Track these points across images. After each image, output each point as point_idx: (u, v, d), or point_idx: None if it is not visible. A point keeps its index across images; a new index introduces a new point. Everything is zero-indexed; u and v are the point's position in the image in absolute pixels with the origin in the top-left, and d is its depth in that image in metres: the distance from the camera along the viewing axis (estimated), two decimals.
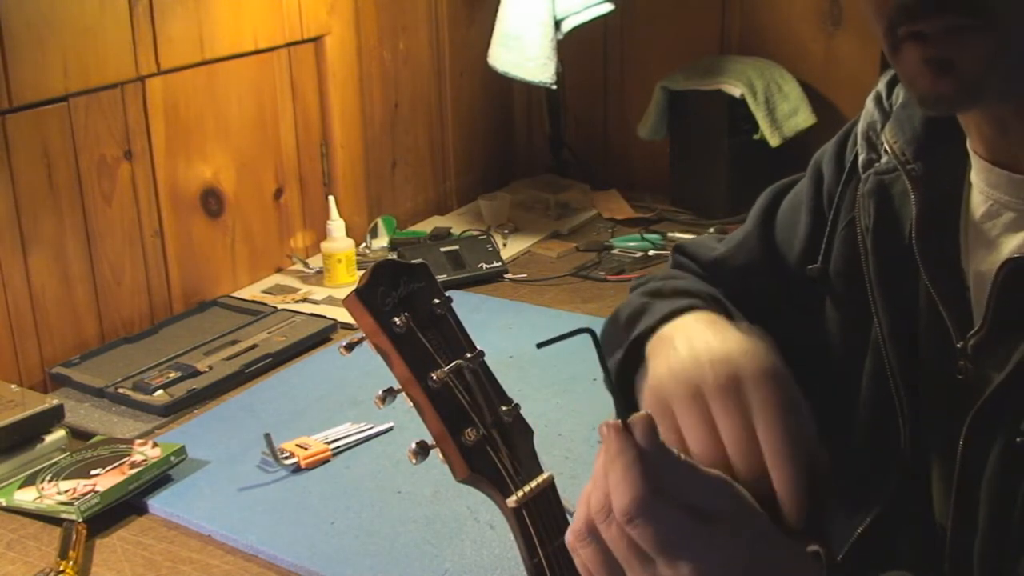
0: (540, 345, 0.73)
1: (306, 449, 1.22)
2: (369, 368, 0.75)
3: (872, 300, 0.86)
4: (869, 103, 0.89)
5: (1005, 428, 0.75)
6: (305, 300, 1.71)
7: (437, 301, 0.74)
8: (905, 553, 0.88)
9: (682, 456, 0.66)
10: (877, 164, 0.86)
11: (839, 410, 0.94)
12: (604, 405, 1.06)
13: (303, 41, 1.81)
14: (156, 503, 1.16)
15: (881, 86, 0.89)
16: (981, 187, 0.79)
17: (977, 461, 0.77)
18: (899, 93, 0.87)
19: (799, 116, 1.92)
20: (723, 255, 1.04)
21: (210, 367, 1.45)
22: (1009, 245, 0.77)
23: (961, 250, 0.81)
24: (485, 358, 0.74)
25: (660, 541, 0.62)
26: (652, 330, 0.83)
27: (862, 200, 0.87)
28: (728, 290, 1.01)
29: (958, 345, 0.80)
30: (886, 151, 0.85)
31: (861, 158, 0.88)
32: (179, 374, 1.43)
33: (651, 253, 1.85)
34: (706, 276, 1.03)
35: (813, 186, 0.97)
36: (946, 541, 0.81)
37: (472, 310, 1.59)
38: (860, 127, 0.89)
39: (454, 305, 0.75)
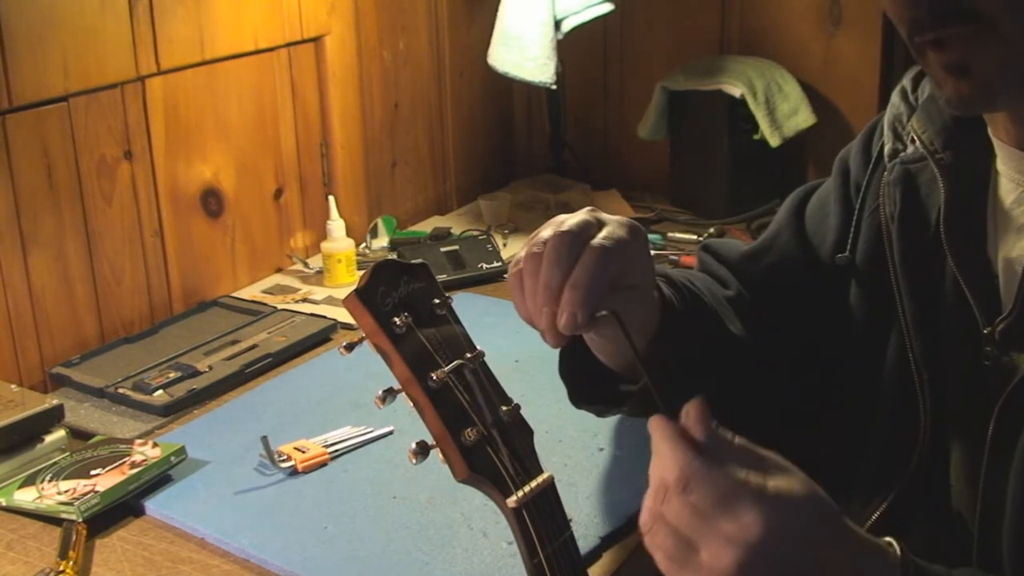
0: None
1: (304, 452, 1.22)
2: (372, 371, 0.75)
3: (896, 286, 0.88)
4: (895, 97, 0.92)
5: None
6: (305, 300, 1.70)
7: (437, 301, 0.74)
8: (919, 538, 0.89)
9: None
10: (903, 154, 0.89)
11: (861, 396, 0.95)
12: None
13: (303, 41, 1.81)
14: (152, 505, 1.15)
15: (906, 81, 0.91)
16: (1009, 174, 0.81)
17: (1006, 446, 0.78)
18: (924, 88, 0.89)
19: (799, 116, 1.92)
20: (754, 250, 1.06)
21: (210, 367, 1.45)
22: None
23: (988, 237, 0.82)
24: (492, 362, 0.74)
25: (717, 497, 0.62)
26: None
27: (887, 188, 0.89)
28: (758, 284, 1.03)
29: (985, 331, 0.81)
30: (912, 141, 0.87)
31: (887, 148, 0.90)
32: (179, 374, 1.43)
33: (651, 253, 1.84)
34: (733, 272, 1.05)
35: (840, 179, 0.99)
36: (974, 525, 0.82)
37: (482, 313, 1.59)
38: (886, 119, 0.92)
39: (463, 307, 0.75)
